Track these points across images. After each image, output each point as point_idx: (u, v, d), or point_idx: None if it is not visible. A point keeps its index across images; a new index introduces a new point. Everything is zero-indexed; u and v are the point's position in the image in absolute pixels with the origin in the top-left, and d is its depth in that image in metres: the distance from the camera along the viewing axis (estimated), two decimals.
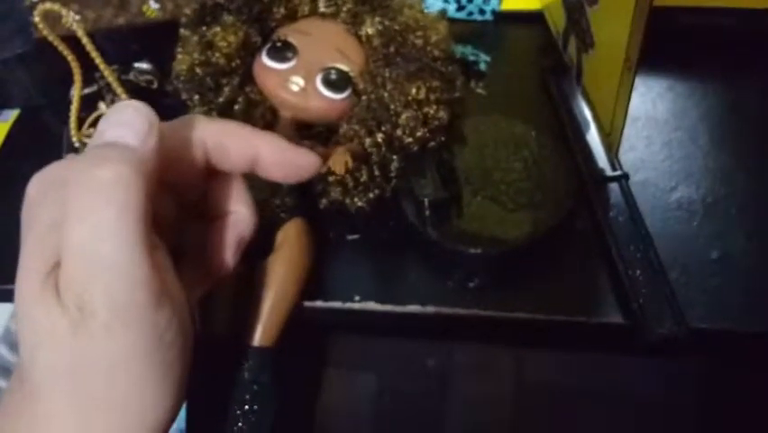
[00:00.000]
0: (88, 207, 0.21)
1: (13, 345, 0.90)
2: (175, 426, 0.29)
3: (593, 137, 0.42)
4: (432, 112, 0.37)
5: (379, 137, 0.36)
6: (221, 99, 0.40)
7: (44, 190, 0.24)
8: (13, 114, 0.53)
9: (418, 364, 1.20)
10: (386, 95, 0.38)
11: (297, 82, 0.39)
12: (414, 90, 0.37)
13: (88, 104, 0.48)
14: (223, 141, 0.26)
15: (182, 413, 0.31)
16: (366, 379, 1.19)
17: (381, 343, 1.23)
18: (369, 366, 1.21)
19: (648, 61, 0.36)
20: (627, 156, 0.42)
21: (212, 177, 0.27)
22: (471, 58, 0.48)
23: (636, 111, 0.45)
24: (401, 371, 1.21)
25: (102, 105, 0.46)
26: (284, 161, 0.27)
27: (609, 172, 0.40)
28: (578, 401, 1.09)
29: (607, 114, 0.40)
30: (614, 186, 0.40)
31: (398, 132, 0.37)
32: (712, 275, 0.37)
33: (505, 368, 1.17)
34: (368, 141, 0.37)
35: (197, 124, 0.26)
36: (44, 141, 0.50)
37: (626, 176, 0.40)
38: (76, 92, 0.44)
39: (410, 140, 0.37)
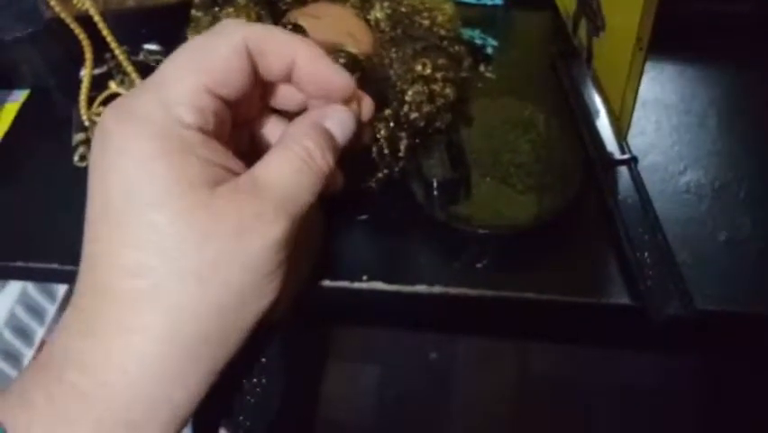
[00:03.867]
0: None
1: (18, 330, 0.91)
2: None
3: (602, 121, 0.42)
4: (438, 89, 0.37)
5: (386, 112, 0.37)
6: None
7: None
8: (23, 93, 0.53)
9: (422, 357, 1.21)
10: (392, 73, 0.38)
11: None
12: (419, 67, 0.37)
13: (98, 84, 0.49)
14: (261, 43, 0.26)
15: None
16: (370, 370, 1.20)
17: (386, 335, 1.24)
18: (373, 358, 1.22)
19: (659, 46, 0.36)
20: (637, 140, 0.42)
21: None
22: (479, 42, 0.48)
23: (646, 95, 0.45)
24: (405, 363, 1.22)
25: (112, 84, 0.46)
26: (318, 72, 0.28)
27: (618, 156, 0.40)
28: (580, 395, 1.10)
29: (617, 96, 0.39)
30: (623, 169, 0.40)
31: (405, 108, 0.37)
32: (720, 258, 0.37)
33: (508, 362, 1.18)
34: (376, 114, 0.38)
35: (237, 26, 0.26)
36: (54, 120, 0.50)
37: (634, 159, 0.40)
38: (86, 71, 0.44)
39: (416, 115, 0.37)
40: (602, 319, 0.37)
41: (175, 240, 0.24)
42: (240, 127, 0.30)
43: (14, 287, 0.91)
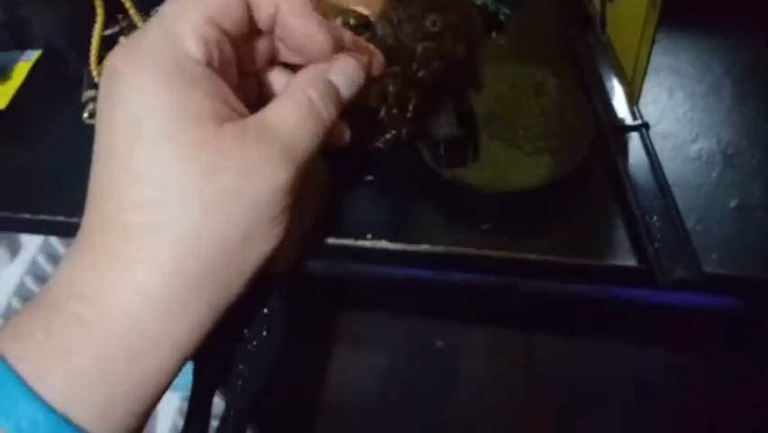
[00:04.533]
0: None
1: (27, 300, 0.91)
2: None
3: (615, 88, 0.42)
4: (448, 47, 0.37)
5: (395, 68, 0.36)
6: None
7: None
8: (35, 53, 0.53)
9: (428, 345, 1.21)
10: (402, 33, 0.38)
11: None
12: (429, 23, 0.37)
13: (109, 44, 0.49)
14: None
15: None
16: (375, 357, 1.20)
17: (392, 321, 1.25)
18: (379, 345, 1.22)
19: (673, 16, 0.35)
20: (649, 108, 0.42)
21: None
22: (492, 8, 0.47)
23: (660, 64, 0.44)
24: (411, 350, 1.22)
25: (123, 40, 0.46)
26: (298, 27, 0.27)
27: (630, 121, 0.40)
28: (586, 386, 1.09)
29: (630, 61, 0.39)
30: (634, 135, 0.40)
31: (414, 65, 0.36)
32: (730, 223, 0.36)
33: (514, 351, 1.17)
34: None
35: None
36: (65, 80, 0.51)
37: (646, 125, 0.40)
38: (97, 26, 0.44)
39: (425, 72, 0.36)
40: (609, 280, 0.37)
41: (179, 174, 0.24)
42: (248, 79, 0.30)
43: (24, 257, 0.92)
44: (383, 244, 0.38)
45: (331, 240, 0.39)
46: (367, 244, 0.38)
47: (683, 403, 1.04)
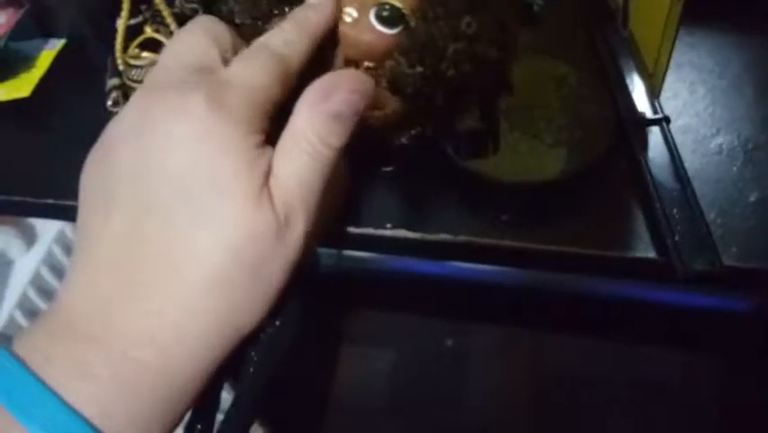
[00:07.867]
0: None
1: (42, 290, 0.92)
2: None
3: (636, 83, 0.42)
4: (481, 50, 0.37)
5: (419, 69, 0.36)
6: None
7: None
8: (59, 43, 0.54)
9: (437, 344, 1.21)
10: (435, 30, 0.37)
11: (350, 13, 0.39)
12: (464, 25, 0.36)
13: (133, 34, 0.49)
14: None
15: None
16: (383, 355, 1.20)
17: (401, 319, 1.24)
18: (387, 343, 1.22)
19: (696, 14, 0.35)
20: (670, 103, 0.42)
21: None
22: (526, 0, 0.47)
23: (681, 60, 0.44)
24: (419, 349, 1.22)
25: (147, 29, 0.47)
26: None
27: (651, 115, 0.40)
28: (597, 389, 1.09)
29: (651, 55, 0.39)
30: (655, 129, 0.40)
31: (443, 65, 0.36)
32: (749, 217, 0.36)
33: (523, 353, 1.17)
34: (409, 71, 0.37)
35: None
36: (89, 69, 0.51)
37: (667, 119, 0.40)
38: (124, 14, 0.45)
39: (453, 72, 0.36)
40: (628, 272, 0.37)
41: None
42: None
43: (40, 248, 0.93)
44: (403, 233, 0.39)
45: (350, 229, 0.39)
46: (386, 233, 0.39)
47: (697, 407, 1.03)
